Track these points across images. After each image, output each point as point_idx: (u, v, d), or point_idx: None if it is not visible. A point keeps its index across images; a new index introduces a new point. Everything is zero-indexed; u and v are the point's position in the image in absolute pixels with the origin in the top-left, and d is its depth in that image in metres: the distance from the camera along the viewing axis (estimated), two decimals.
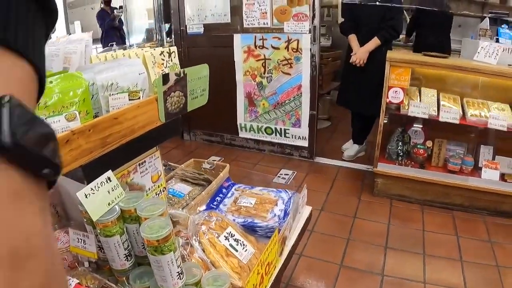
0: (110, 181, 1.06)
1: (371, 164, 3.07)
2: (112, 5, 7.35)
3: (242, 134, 3.71)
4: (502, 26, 3.18)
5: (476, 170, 2.99)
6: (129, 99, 1.11)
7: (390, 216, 2.82)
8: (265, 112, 3.51)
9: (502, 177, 2.91)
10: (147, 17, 4.78)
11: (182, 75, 1.18)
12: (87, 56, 1.35)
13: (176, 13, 3.71)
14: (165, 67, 1.29)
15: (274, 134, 3.57)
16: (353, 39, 3.34)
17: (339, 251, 2.39)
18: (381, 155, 3.08)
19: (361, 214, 2.81)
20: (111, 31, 7.15)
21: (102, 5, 7.35)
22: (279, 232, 1.35)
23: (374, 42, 3.24)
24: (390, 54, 2.92)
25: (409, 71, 2.85)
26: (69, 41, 1.38)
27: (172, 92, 1.16)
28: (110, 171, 1.05)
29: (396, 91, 2.87)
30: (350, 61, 3.28)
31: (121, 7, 5.75)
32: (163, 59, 1.28)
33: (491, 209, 2.90)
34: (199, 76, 1.29)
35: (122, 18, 5.41)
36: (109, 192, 1.05)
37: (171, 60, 1.32)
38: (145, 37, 5.04)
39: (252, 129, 3.63)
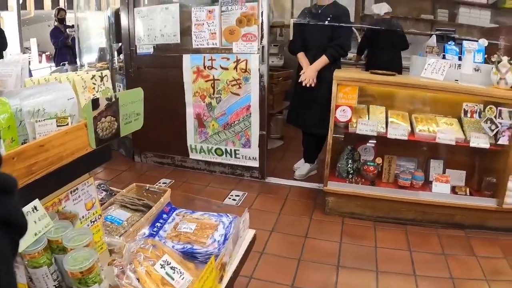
0: (37, 210, 0.99)
1: (323, 183, 3.10)
2: (67, 23, 7.19)
3: (193, 156, 3.65)
4: (449, 43, 3.31)
5: (427, 184, 3.07)
6: (57, 125, 1.06)
7: (342, 234, 2.82)
8: (215, 133, 3.48)
9: (453, 189, 3.01)
10: (103, 36, 4.67)
11: (113, 99, 1.15)
12: (23, 79, 1.29)
13: (126, 33, 3.66)
14: (97, 92, 1.25)
15: (224, 155, 3.54)
16: (301, 57, 3.40)
17: (290, 272, 2.35)
18: (332, 173, 3.10)
19: (312, 234, 2.80)
20: (64, 50, 7.00)
21: (56, 23, 7.17)
22: (216, 259, 1.32)
23: (323, 60, 3.30)
24: (337, 73, 2.97)
25: (356, 89, 2.90)
26: (5, 64, 1.31)
27: (102, 117, 1.12)
28: (37, 200, 0.99)
29: (343, 110, 2.91)
30: (299, 80, 3.33)
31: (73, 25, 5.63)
32: (94, 83, 1.24)
33: (443, 222, 2.97)
34: (133, 100, 1.25)
35: (75, 36, 5.25)
36: (35, 222, 0.99)
37: (103, 84, 1.28)
38: (98, 57, 4.92)
39: (202, 150, 3.59)
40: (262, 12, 3.18)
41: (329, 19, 3.27)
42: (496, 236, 2.90)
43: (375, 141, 3.23)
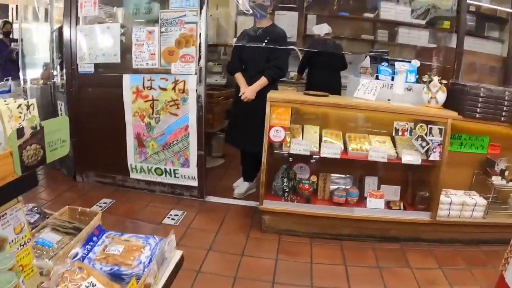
0: None
1: None
2: (13, 36, 6.96)
3: (133, 175, 3.63)
4: (382, 63, 3.44)
5: (362, 200, 3.15)
6: None
7: (278, 251, 2.86)
8: (154, 152, 3.48)
9: (388, 204, 3.12)
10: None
11: (38, 128, 1.19)
12: None
13: (68, 51, 3.62)
14: (23, 120, 1.29)
15: (164, 174, 3.54)
16: (239, 77, 3.49)
17: None
18: (268, 192, 3.16)
19: (249, 252, 2.83)
20: (9, 65, 6.70)
21: (1, 36, 6.94)
22: (138, 280, 1.34)
23: (262, 82, 3.39)
24: (270, 94, 3.05)
25: (289, 110, 2.99)
26: None
27: (28, 145, 1.16)
28: None
29: (277, 130, 2.97)
30: (241, 99, 3.40)
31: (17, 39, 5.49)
32: (20, 112, 1.28)
33: (379, 236, 3.07)
34: (58, 128, 1.30)
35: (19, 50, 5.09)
36: None
37: (30, 113, 1.32)
38: (42, 73, 4.80)
39: (142, 170, 3.58)
40: (200, 34, 3.24)
41: (266, 41, 3.35)
42: (430, 247, 3.03)
43: (315, 160, 3.30)
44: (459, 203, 3.06)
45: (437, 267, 2.76)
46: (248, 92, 3.37)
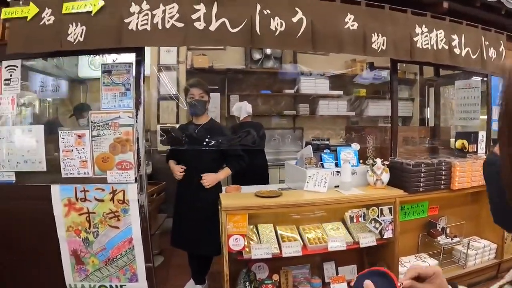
0: None
1: None
2: None
3: None
4: (325, 151, 3.41)
5: (326, 287, 3.14)
6: None
7: None
8: (95, 269, 3.08)
9: (349, 284, 3.08)
10: None
11: None
12: None
13: None
14: None
15: None
16: (172, 164, 3.34)
17: None
18: None
19: None
20: None
21: None
22: None
23: (226, 172, 3.28)
24: (225, 202, 2.84)
25: (246, 217, 2.82)
26: None
27: None
28: None
29: (236, 239, 2.78)
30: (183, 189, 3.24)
31: None
32: None
33: None
34: None
35: None
36: None
37: None
38: None
39: None
40: (138, 138, 2.96)
41: (207, 140, 3.17)
42: None
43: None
44: None
45: None
46: (210, 178, 3.16)
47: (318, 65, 6.06)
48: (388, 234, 3.15)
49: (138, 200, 2.95)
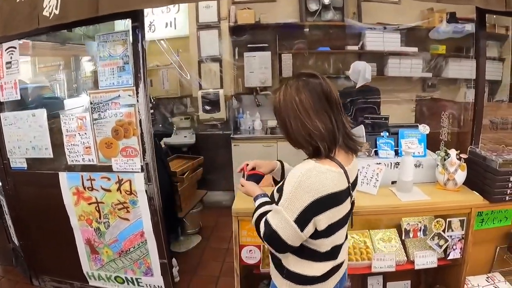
0: None
1: None
2: None
3: (92, 283, 3.04)
4: (382, 134, 2.67)
5: None
6: None
7: None
8: (110, 260, 2.87)
9: None
10: None
11: None
12: None
13: None
14: None
15: (126, 283, 2.93)
16: None
17: None
18: None
19: None
20: None
21: None
22: None
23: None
24: (235, 206, 2.25)
25: None
26: None
27: None
28: None
29: (250, 250, 2.33)
30: None
31: None
32: None
33: None
34: None
35: None
36: None
37: None
38: None
39: (101, 277, 2.98)
40: (140, 121, 2.57)
41: None
42: None
43: None
44: None
45: None
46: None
47: (387, 17, 5.00)
48: (455, 255, 2.41)
49: (146, 191, 2.63)
